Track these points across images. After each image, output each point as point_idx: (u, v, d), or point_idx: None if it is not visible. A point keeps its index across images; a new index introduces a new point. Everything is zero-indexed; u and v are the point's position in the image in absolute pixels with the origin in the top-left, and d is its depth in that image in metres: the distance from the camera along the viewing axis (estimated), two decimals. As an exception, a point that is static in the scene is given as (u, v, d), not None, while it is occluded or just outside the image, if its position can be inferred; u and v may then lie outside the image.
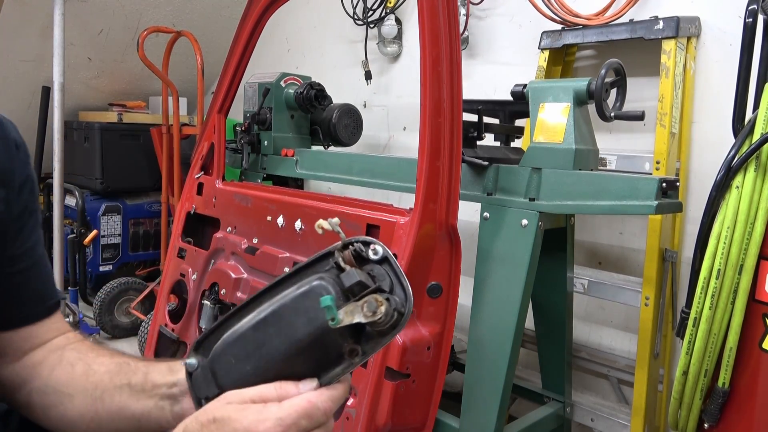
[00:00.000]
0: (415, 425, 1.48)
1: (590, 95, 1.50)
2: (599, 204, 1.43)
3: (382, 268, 0.61)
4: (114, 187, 3.16)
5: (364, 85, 2.87)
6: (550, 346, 1.85)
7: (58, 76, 2.65)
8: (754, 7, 1.31)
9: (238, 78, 2.07)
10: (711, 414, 1.30)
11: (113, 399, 0.78)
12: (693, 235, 1.44)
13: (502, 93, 2.23)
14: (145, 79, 3.49)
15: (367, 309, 0.57)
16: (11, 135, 0.83)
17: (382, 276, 0.60)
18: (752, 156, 1.21)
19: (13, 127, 0.85)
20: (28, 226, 0.85)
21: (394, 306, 0.58)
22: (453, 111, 1.37)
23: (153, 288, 3.00)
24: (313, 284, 0.59)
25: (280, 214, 1.76)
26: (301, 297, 0.60)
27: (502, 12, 2.40)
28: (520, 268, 1.50)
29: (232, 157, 2.30)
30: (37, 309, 0.86)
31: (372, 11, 2.73)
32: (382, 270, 0.60)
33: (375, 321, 0.57)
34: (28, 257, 0.85)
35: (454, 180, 1.39)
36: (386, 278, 0.60)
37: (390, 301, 0.58)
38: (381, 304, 0.57)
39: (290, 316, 0.60)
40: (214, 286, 1.94)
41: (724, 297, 1.24)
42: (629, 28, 1.84)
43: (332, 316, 0.56)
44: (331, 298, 0.57)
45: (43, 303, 0.87)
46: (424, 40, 1.35)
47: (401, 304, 0.59)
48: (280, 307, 0.61)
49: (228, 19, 3.40)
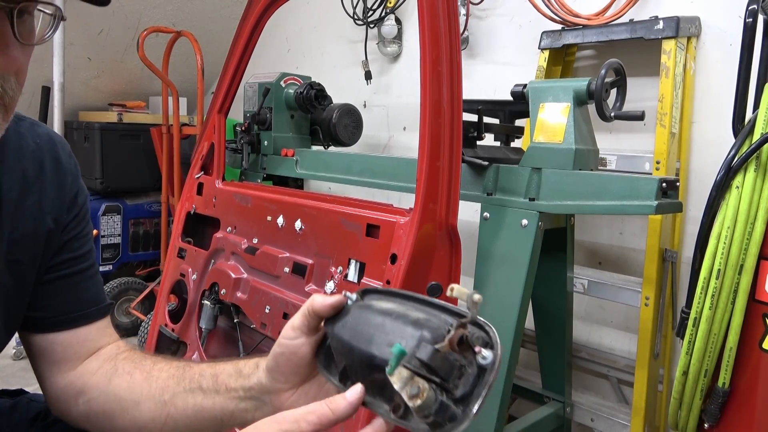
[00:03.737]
0: (415, 425, 1.48)
1: (590, 95, 1.50)
2: (599, 204, 1.43)
3: (476, 372, 0.55)
4: (114, 187, 3.16)
5: (364, 85, 2.87)
6: (550, 346, 1.85)
7: (58, 76, 2.65)
8: (754, 7, 1.30)
9: (238, 78, 2.07)
10: (711, 414, 1.30)
11: (186, 401, 0.79)
12: (693, 235, 1.44)
13: (502, 93, 2.23)
14: (145, 79, 3.49)
15: (410, 389, 0.54)
16: (58, 154, 0.87)
17: (467, 380, 0.54)
18: (752, 156, 1.21)
19: (62, 146, 0.88)
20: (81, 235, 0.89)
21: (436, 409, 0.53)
22: (453, 111, 1.37)
23: (153, 288, 3.00)
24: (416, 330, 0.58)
25: (280, 214, 1.76)
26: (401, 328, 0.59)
27: (502, 12, 2.40)
28: (520, 268, 1.50)
29: (232, 157, 2.30)
30: (93, 310, 0.89)
31: (372, 11, 2.73)
32: (472, 374, 0.54)
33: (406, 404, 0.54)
34: (83, 260, 0.89)
35: (454, 180, 1.39)
36: (468, 384, 0.54)
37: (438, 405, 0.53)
38: (422, 398, 0.53)
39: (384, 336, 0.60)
40: (214, 286, 1.94)
41: (724, 297, 1.24)
42: (629, 28, 1.84)
43: (390, 365, 0.56)
44: (399, 349, 0.56)
45: (96, 304, 0.90)
46: (424, 40, 1.35)
47: (448, 417, 0.53)
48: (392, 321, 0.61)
49: (228, 19, 3.40)
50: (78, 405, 0.86)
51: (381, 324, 0.62)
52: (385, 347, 0.59)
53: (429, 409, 0.53)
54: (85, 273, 0.90)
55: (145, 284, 3.12)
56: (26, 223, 0.82)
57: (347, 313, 0.68)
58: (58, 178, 0.86)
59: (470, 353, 0.55)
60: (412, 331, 0.58)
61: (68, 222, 0.87)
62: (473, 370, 0.55)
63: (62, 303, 0.87)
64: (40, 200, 0.83)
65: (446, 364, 0.54)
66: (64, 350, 0.87)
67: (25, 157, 0.82)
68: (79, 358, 0.88)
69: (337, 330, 0.67)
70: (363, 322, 0.64)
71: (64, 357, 0.87)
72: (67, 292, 0.87)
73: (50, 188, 0.84)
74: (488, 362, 0.54)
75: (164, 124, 3.10)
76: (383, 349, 0.59)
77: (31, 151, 0.83)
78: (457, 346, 0.55)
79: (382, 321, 0.62)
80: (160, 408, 0.80)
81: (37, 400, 0.96)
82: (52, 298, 0.86)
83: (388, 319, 0.62)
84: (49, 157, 0.85)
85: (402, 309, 0.63)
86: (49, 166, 0.85)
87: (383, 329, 0.61)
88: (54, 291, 0.86)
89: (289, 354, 0.71)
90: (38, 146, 0.85)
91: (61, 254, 0.86)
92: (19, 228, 0.81)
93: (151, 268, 3.36)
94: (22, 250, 0.81)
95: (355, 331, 0.64)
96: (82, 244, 0.89)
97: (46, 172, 0.84)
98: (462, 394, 0.54)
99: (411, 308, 0.63)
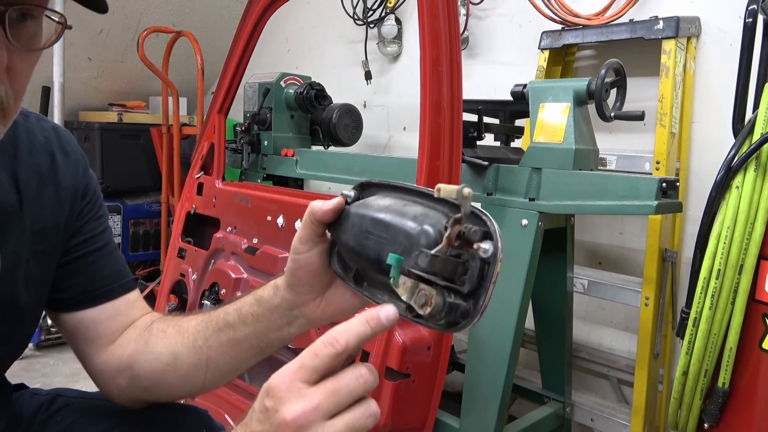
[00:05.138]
0: (415, 425, 1.48)
1: (590, 95, 1.50)
2: (599, 204, 1.43)
3: (479, 265, 0.54)
4: (114, 187, 3.16)
5: (364, 85, 2.87)
6: (550, 346, 1.85)
7: (58, 76, 2.66)
8: (754, 7, 1.30)
9: (238, 78, 2.07)
10: (711, 414, 1.30)
11: (220, 340, 0.80)
12: (693, 235, 1.44)
13: (502, 93, 2.23)
14: (145, 79, 3.49)
15: (418, 298, 0.54)
16: (66, 146, 0.89)
17: (471, 275, 0.54)
18: (752, 156, 1.21)
19: (68, 138, 0.91)
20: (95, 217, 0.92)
21: (446, 312, 0.54)
22: (453, 111, 1.38)
23: (153, 288, 3.00)
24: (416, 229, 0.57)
25: (280, 214, 1.76)
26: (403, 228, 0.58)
27: (502, 12, 2.40)
28: (520, 268, 1.50)
29: (232, 157, 2.30)
30: (116, 285, 0.91)
31: (372, 11, 2.73)
32: (476, 268, 0.54)
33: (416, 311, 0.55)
34: (99, 239, 0.91)
35: (454, 180, 1.39)
36: (473, 280, 0.54)
37: (449, 307, 0.54)
38: (430, 305, 0.53)
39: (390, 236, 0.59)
40: (214, 286, 1.94)
41: (724, 297, 1.24)
42: (629, 28, 1.84)
43: (393, 276, 0.56)
44: (397, 259, 0.56)
45: (119, 279, 0.92)
46: (424, 40, 1.36)
47: (460, 315, 0.54)
48: (392, 222, 0.60)
49: (228, 19, 3.40)
50: (123, 379, 0.87)
51: (383, 224, 0.61)
52: (386, 251, 0.58)
53: (440, 313, 0.54)
54: (103, 250, 0.91)
55: (145, 284, 3.12)
56: (46, 215, 0.84)
57: (348, 216, 0.67)
58: (69, 169, 0.88)
59: (470, 244, 0.54)
60: (408, 231, 0.57)
61: (82, 208, 0.90)
62: (477, 263, 0.54)
63: (84, 282, 0.88)
64: (57, 191, 0.86)
65: (448, 265, 0.54)
66: (97, 327, 0.88)
67: (36, 151, 0.85)
68: (114, 333, 0.89)
69: (342, 235, 0.67)
70: (364, 225, 0.63)
71: (97, 334, 0.88)
72: (87, 272, 0.89)
73: (63, 179, 0.87)
74: (489, 255, 0.54)
75: (164, 124, 3.10)
76: (386, 254, 0.58)
77: (41, 145, 0.86)
78: (455, 243, 0.54)
79: (383, 221, 0.61)
80: (198, 354, 0.81)
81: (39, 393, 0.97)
82: (75, 278, 0.88)
83: (387, 217, 0.61)
84: (59, 150, 0.88)
85: (399, 205, 0.62)
86: (60, 158, 0.87)
87: (385, 230, 0.60)
88: (74, 271, 0.88)
89: (306, 267, 0.71)
90: (47, 140, 0.87)
91: (77, 236, 0.88)
92: (40, 220, 0.83)
93: (151, 268, 3.36)
94: (46, 240, 0.84)
95: (359, 235, 0.64)
96: (96, 225, 0.91)
97: (58, 164, 0.87)
98: (470, 290, 0.54)
99: (409, 203, 0.62)
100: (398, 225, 0.59)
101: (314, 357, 0.54)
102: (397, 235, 0.59)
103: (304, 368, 0.54)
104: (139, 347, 0.86)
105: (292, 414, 0.53)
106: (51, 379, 2.48)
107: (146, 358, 0.85)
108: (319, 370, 0.54)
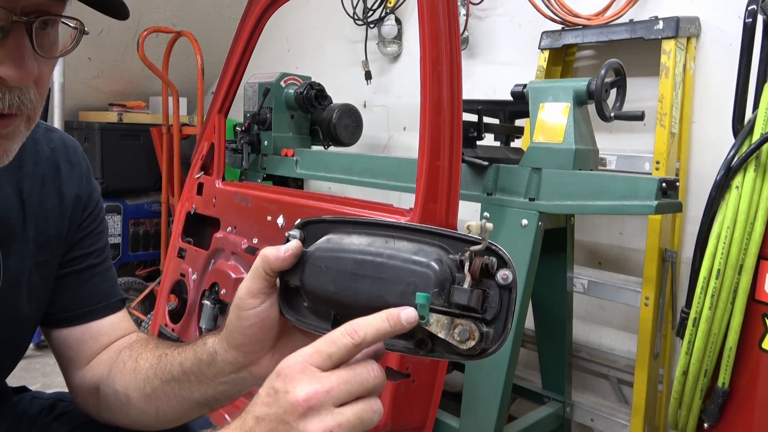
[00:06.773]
0: (415, 425, 1.48)
1: (590, 95, 1.50)
2: (599, 204, 1.43)
3: (501, 294, 0.56)
4: (114, 187, 3.16)
5: (364, 85, 2.87)
6: (550, 346, 1.85)
7: (58, 76, 2.66)
8: (753, 7, 1.30)
9: (238, 78, 2.07)
10: (711, 414, 1.30)
11: (167, 394, 0.77)
12: (693, 235, 1.44)
13: (502, 93, 2.23)
14: (145, 79, 3.49)
15: (459, 335, 0.55)
16: (72, 157, 0.89)
17: (494, 303, 0.56)
18: (752, 156, 1.21)
19: (74, 148, 0.90)
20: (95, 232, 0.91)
21: (484, 342, 0.56)
22: (453, 111, 1.37)
23: (153, 288, 3.00)
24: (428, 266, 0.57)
25: (280, 214, 1.76)
26: (410, 267, 0.58)
27: (502, 12, 2.40)
28: (519, 268, 1.50)
29: (232, 157, 2.30)
30: (103, 305, 0.90)
31: (372, 11, 2.73)
32: (498, 296, 0.56)
33: (457, 347, 0.56)
34: (96, 256, 0.90)
35: (454, 180, 1.39)
36: (496, 307, 0.56)
37: (482, 336, 0.56)
38: (473, 338, 0.55)
39: (391, 276, 0.58)
40: (214, 286, 1.94)
41: (723, 297, 1.24)
42: (629, 28, 1.84)
43: (423, 315, 0.55)
44: (426, 298, 0.55)
45: (108, 298, 0.91)
46: (424, 40, 1.35)
47: (491, 341, 0.56)
48: (388, 262, 0.59)
49: (228, 19, 3.40)
50: (93, 401, 0.86)
51: (376, 265, 0.59)
52: (394, 292, 0.57)
53: (478, 346, 0.56)
54: (96, 269, 0.90)
55: (145, 284, 3.12)
56: (50, 225, 0.84)
57: (311, 259, 0.63)
58: (73, 179, 0.88)
59: (491, 276, 0.56)
60: (419, 270, 0.57)
61: (83, 220, 0.89)
62: (495, 290, 0.56)
63: (73, 299, 0.88)
64: (60, 202, 0.85)
65: (478, 296, 0.56)
66: (79, 345, 0.87)
67: (41, 162, 0.85)
68: (93, 354, 0.88)
69: (309, 281, 0.63)
70: (347, 267, 0.60)
71: (78, 352, 0.88)
72: (78, 288, 0.88)
73: (67, 190, 0.86)
74: (510, 281, 0.56)
75: (164, 124, 3.10)
76: (392, 295, 0.57)
77: (46, 156, 0.86)
78: (479, 274, 0.56)
79: (374, 262, 0.59)
80: (147, 402, 0.80)
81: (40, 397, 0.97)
82: (64, 293, 0.87)
83: (379, 258, 0.59)
84: (64, 161, 0.87)
85: (381, 243, 0.61)
86: (65, 169, 0.87)
87: (381, 270, 0.59)
88: (65, 287, 0.87)
89: (259, 322, 0.66)
90: (53, 151, 0.87)
91: (74, 251, 0.88)
92: (43, 231, 0.83)
93: (151, 268, 3.36)
94: (49, 251, 0.84)
95: (341, 278, 0.61)
96: (95, 241, 0.91)
97: (62, 176, 0.86)
98: (494, 316, 0.56)
99: (387, 238, 0.61)
100: (400, 265, 0.59)
101: (331, 344, 0.54)
102: (401, 275, 0.58)
103: (319, 353, 0.54)
104: (103, 375, 0.85)
105: (304, 393, 0.52)
106: (51, 379, 2.48)
107: (106, 391, 0.84)
108: (333, 358, 0.54)
